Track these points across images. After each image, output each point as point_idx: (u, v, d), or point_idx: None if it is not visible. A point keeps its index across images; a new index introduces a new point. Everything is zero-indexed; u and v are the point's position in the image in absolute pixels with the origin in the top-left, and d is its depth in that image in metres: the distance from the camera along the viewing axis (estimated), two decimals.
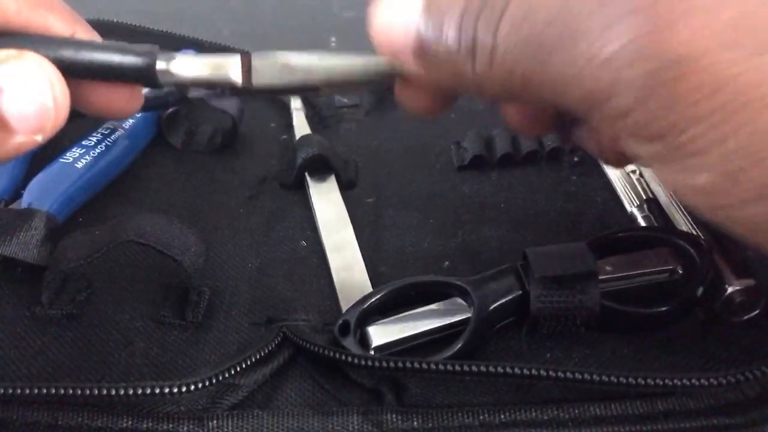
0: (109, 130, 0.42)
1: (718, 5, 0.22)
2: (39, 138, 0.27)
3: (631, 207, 0.40)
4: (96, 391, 0.29)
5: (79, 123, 0.43)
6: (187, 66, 0.29)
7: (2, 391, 0.29)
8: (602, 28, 0.23)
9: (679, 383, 0.29)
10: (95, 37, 0.31)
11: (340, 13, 0.63)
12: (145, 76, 0.29)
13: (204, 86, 0.30)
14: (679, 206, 0.38)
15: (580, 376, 0.30)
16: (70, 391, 0.29)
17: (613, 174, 0.42)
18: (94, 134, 0.42)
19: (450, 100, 0.32)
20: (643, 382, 0.29)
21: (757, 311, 0.33)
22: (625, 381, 0.29)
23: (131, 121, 0.43)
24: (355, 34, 0.60)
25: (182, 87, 0.30)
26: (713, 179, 0.23)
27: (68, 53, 0.28)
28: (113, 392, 0.29)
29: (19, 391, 0.29)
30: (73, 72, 0.28)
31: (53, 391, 0.29)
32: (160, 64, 0.29)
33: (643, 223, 0.39)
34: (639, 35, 0.22)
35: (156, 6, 0.34)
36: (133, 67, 0.29)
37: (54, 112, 0.27)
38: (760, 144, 0.22)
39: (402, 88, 0.31)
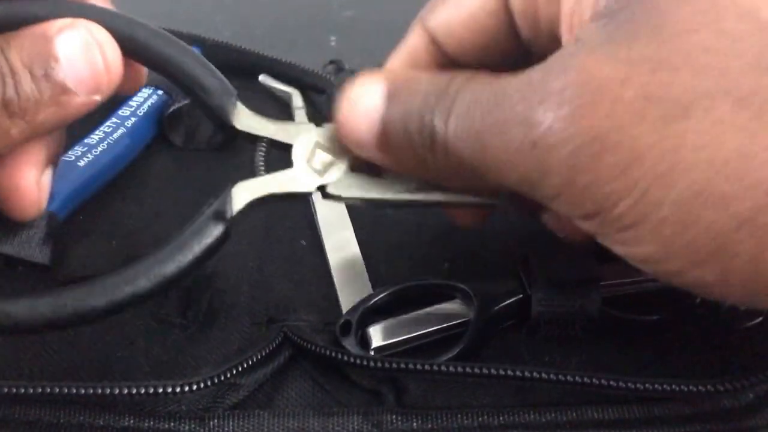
0: (111, 128, 0.42)
1: (623, 82, 0.22)
2: (98, 98, 0.30)
3: None
4: (99, 391, 0.29)
5: (80, 120, 0.43)
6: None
7: (5, 390, 0.29)
8: (525, 115, 0.24)
9: (677, 389, 0.29)
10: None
11: (339, 12, 0.62)
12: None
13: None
14: None
15: (579, 380, 0.30)
16: (74, 390, 0.29)
17: None
18: (95, 132, 0.42)
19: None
20: (641, 387, 0.29)
21: (760, 318, 0.34)
22: (624, 385, 0.30)
23: (133, 119, 0.43)
24: (354, 34, 0.60)
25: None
26: (652, 249, 0.24)
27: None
28: (116, 392, 0.29)
29: (22, 390, 0.29)
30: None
31: (56, 390, 0.29)
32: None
33: None
34: (556, 119, 0.23)
35: (154, 6, 0.34)
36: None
37: (107, 74, 0.30)
38: (687, 209, 0.22)
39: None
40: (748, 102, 0.22)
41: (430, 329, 0.34)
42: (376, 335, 0.34)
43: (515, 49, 0.32)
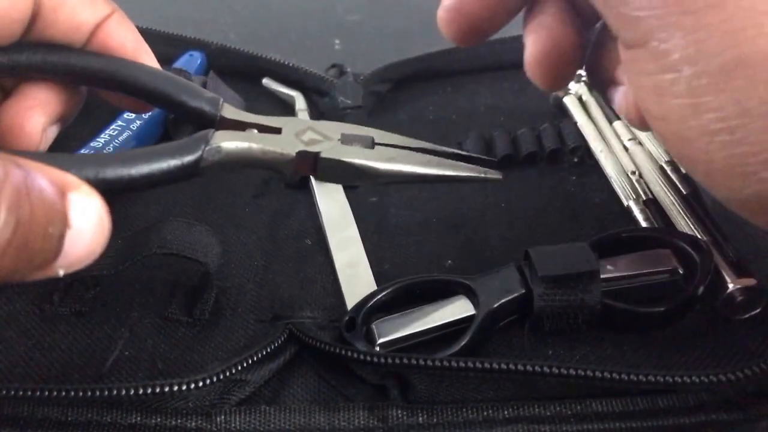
0: (117, 131, 0.42)
1: None
2: (61, 273, 0.25)
3: (627, 201, 0.41)
4: (106, 392, 0.29)
5: (88, 125, 0.43)
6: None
7: (12, 392, 0.29)
8: None
9: (680, 380, 0.29)
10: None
11: (344, 16, 0.63)
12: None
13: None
14: (679, 207, 0.39)
15: (582, 373, 0.30)
16: (80, 394, 0.29)
17: (613, 175, 0.43)
18: (102, 135, 0.42)
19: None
20: (644, 379, 0.30)
21: (757, 310, 0.34)
22: (626, 378, 0.30)
23: (138, 122, 0.44)
24: (359, 37, 0.61)
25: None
26: (679, 102, 0.24)
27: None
28: (123, 392, 0.29)
29: (29, 392, 0.29)
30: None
31: (63, 393, 0.29)
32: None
33: (640, 218, 0.39)
34: None
35: (161, 9, 0.34)
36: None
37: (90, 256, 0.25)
38: (733, 73, 0.23)
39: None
40: None
41: (434, 325, 0.34)
42: (381, 331, 0.34)
43: None
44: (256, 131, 0.33)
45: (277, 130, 0.33)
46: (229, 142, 0.31)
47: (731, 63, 0.23)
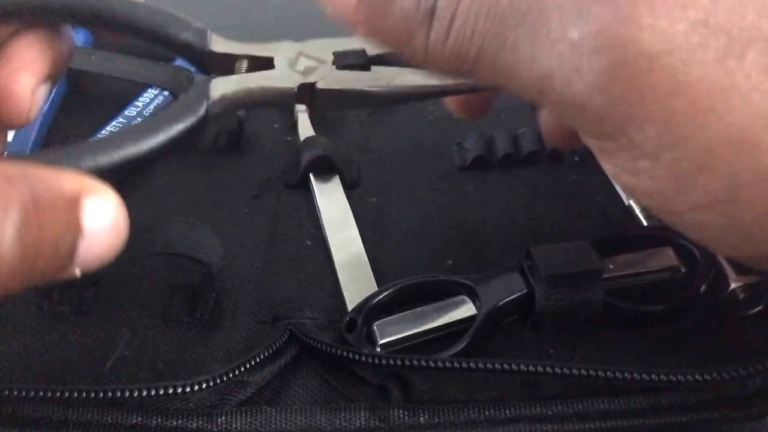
0: (117, 128, 0.42)
1: (688, 3, 0.21)
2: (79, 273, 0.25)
3: (628, 199, 0.41)
4: (105, 393, 0.29)
5: (87, 120, 0.43)
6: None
7: (12, 392, 0.29)
8: (573, 11, 0.22)
9: (683, 379, 0.29)
10: None
11: None
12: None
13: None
14: None
15: (584, 372, 0.30)
16: (84, 395, 0.29)
17: None
18: (102, 132, 0.42)
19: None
20: (646, 377, 0.30)
21: (760, 307, 0.34)
22: (628, 376, 0.30)
23: (139, 119, 0.43)
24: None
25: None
26: (662, 184, 0.23)
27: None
28: (124, 394, 0.29)
29: (29, 392, 0.29)
30: None
31: (63, 394, 0.29)
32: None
33: (641, 216, 0.39)
34: (607, 25, 0.22)
35: (157, 1, 0.34)
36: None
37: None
38: (713, 152, 0.22)
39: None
40: None
41: (435, 325, 0.34)
42: (382, 332, 0.34)
43: None
44: (246, 67, 0.32)
45: (269, 61, 0.32)
46: (228, 89, 0.31)
47: (710, 143, 0.22)
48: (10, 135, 0.42)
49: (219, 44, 0.33)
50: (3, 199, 0.21)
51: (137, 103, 0.44)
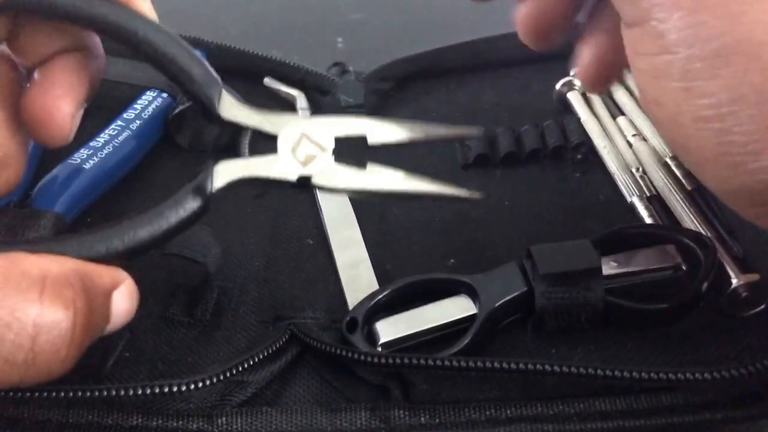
0: (116, 131, 0.42)
1: None
2: None
3: (631, 197, 0.40)
4: (105, 393, 0.29)
5: (88, 125, 0.43)
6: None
7: (11, 394, 0.29)
8: None
9: (683, 377, 0.29)
10: None
11: (347, 14, 0.63)
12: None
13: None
14: (682, 203, 0.38)
15: (584, 371, 0.30)
16: (79, 394, 0.29)
17: (616, 171, 0.42)
18: (101, 135, 0.42)
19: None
20: (647, 377, 0.29)
21: (762, 306, 0.34)
22: (629, 375, 0.29)
23: (138, 122, 0.43)
24: (361, 36, 0.61)
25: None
26: (675, 84, 0.24)
27: None
28: (122, 393, 0.29)
29: (28, 394, 0.29)
30: None
31: (62, 394, 0.29)
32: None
33: (644, 214, 0.39)
34: None
35: (163, 4, 0.34)
36: None
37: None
38: (725, 58, 0.23)
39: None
40: None
41: (436, 325, 0.34)
42: (383, 331, 0.34)
43: None
44: (249, 140, 0.33)
45: (273, 140, 0.33)
46: (233, 176, 0.31)
47: (727, 48, 0.23)
48: None
49: (227, 108, 0.33)
50: (69, 302, 0.26)
51: (136, 106, 0.45)
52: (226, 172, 0.31)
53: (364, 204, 0.42)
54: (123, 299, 0.29)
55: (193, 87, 0.33)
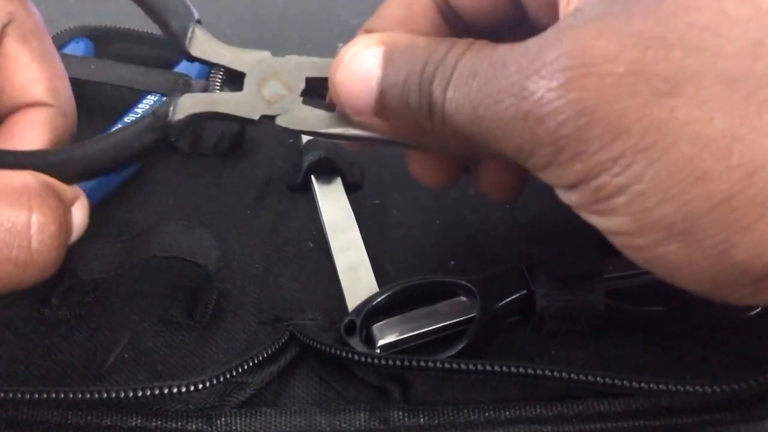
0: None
1: (615, 57, 0.22)
2: None
3: None
4: (105, 394, 0.29)
5: (87, 127, 0.44)
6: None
7: (11, 395, 0.29)
8: (519, 85, 0.24)
9: (682, 389, 0.29)
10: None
11: (347, 20, 0.63)
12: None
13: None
14: None
15: (584, 378, 0.30)
16: (79, 395, 0.29)
17: None
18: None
19: (458, 170, 0.35)
20: (646, 387, 0.29)
21: (758, 309, 0.34)
22: (629, 384, 0.30)
23: None
24: None
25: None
26: (625, 221, 0.24)
27: None
28: (122, 394, 0.29)
29: (27, 395, 0.29)
30: None
31: (62, 395, 0.29)
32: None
33: None
34: (548, 90, 0.23)
35: None
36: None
37: None
38: (664, 183, 0.22)
39: (412, 164, 0.35)
40: (740, 84, 0.22)
41: (435, 326, 0.34)
42: (382, 333, 0.34)
43: (520, 19, 0.32)
44: (221, 79, 0.33)
45: (241, 77, 0.32)
46: (194, 109, 0.32)
47: (666, 174, 0.22)
48: None
49: (197, 46, 0.33)
50: (54, 207, 0.29)
51: (136, 110, 0.45)
52: (188, 105, 0.32)
53: (364, 206, 0.42)
54: (80, 212, 0.32)
55: (168, 20, 0.33)
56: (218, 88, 0.33)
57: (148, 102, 0.45)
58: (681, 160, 0.22)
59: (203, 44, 0.33)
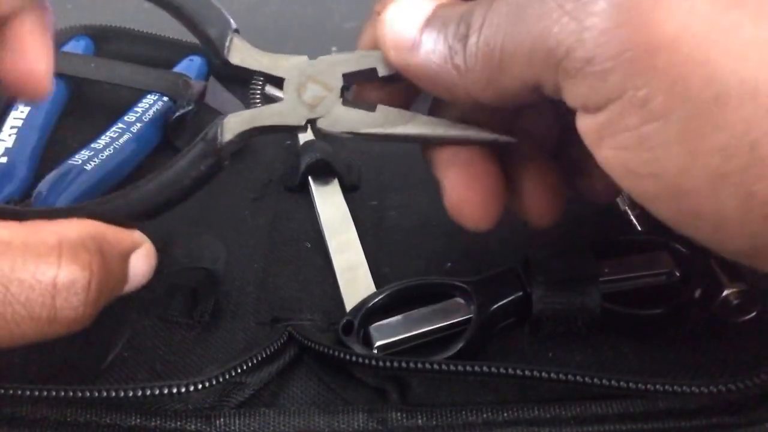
0: (117, 134, 0.43)
1: None
2: None
3: (624, 204, 0.41)
4: (105, 393, 0.29)
5: (87, 125, 0.44)
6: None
7: (11, 392, 0.29)
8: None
9: (680, 390, 0.29)
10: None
11: (341, 23, 0.63)
12: None
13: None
14: None
15: (581, 379, 0.30)
16: (79, 394, 0.29)
17: None
18: (102, 137, 0.42)
19: (499, 207, 0.33)
20: (643, 388, 0.30)
21: (753, 314, 0.34)
22: (626, 385, 0.30)
23: (138, 125, 0.44)
24: (355, 44, 0.61)
25: None
26: (671, 152, 0.22)
27: None
28: (121, 394, 0.29)
29: (27, 393, 0.29)
30: None
31: (61, 394, 0.29)
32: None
33: (635, 221, 0.40)
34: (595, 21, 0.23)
35: (159, 17, 0.34)
36: None
37: None
38: (726, 106, 0.21)
39: (451, 200, 0.33)
40: None
41: (432, 327, 0.34)
42: (379, 334, 0.34)
43: None
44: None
45: (280, 83, 0.33)
46: (241, 128, 0.32)
47: (721, 95, 0.21)
48: (13, 132, 0.42)
49: (236, 54, 0.33)
50: (86, 264, 0.28)
51: (136, 109, 0.45)
52: (234, 125, 0.32)
53: (362, 207, 0.42)
54: (141, 260, 0.31)
55: (206, 29, 0.33)
56: (258, 99, 0.34)
57: (148, 101, 0.45)
58: (751, 80, 0.21)
59: (242, 52, 0.33)
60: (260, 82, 0.34)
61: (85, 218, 0.30)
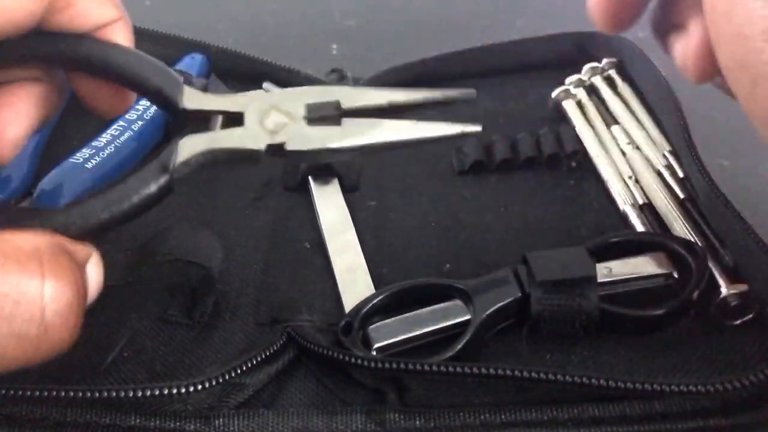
0: (118, 132, 0.43)
1: None
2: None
3: (624, 205, 0.41)
4: (105, 394, 0.30)
5: (90, 124, 0.44)
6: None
7: (11, 392, 0.29)
8: None
9: (677, 389, 0.29)
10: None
11: (341, 21, 0.63)
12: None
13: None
14: (674, 211, 0.39)
15: (578, 380, 0.30)
16: (80, 394, 0.29)
17: (610, 179, 0.43)
18: (103, 135, 0.42)
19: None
20: (640, 387, 0.30)
21: (750, 315, 0.34)
22: (623, 386, 0.30)
23: (140, 123, 0.44)
24: (355, 42, 0.61)
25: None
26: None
27: None
28: (121, 394, 0.30)
29: (27, 393, 0.29)
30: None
31: (62, 394, 0.29)
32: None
33: (636, 222, 0.40)
34: None
35: (161, 14, 0.34)
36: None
37: None
38: None
39: None
40: None
41: (430, 329, 0.34)
42: (377, 335, 0.34)
43: None
44: (221, 124, 0.32)
45: (239, 117, 0.33)
46: (195, 150, 0.31)
47: None
48: None
49: (191, 100, 0.33)
50: (69, 272, 0.26)
51: (137, 107, 0.45)
52: (190, 146, 0.31)
53: (361, 208, 0.42)
54: (95, 271, 0.29)
55: (152, 82, 0.33)
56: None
57: (147, 101, 0.45)
58: None
59: (196, 98, 0.33)
60: (221, 122, 0.33)
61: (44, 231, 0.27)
